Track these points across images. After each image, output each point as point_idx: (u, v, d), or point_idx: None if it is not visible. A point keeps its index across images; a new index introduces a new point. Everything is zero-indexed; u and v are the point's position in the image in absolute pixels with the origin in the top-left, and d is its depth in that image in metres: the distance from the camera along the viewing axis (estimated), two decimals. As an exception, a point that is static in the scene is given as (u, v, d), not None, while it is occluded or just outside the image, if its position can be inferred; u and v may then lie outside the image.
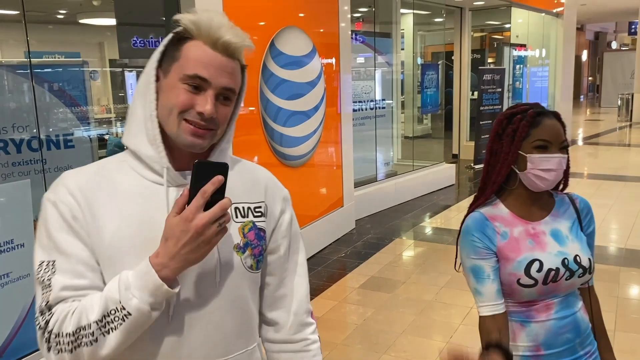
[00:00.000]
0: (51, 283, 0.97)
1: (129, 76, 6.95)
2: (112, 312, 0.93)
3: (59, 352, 0.94)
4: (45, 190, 1.05)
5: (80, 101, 3.32)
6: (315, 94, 5.07)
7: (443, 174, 8.10)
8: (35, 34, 3.71)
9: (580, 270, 1.47)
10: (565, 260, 1.46)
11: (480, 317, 1.47)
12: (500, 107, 9.14)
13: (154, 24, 3.93)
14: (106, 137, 6.11)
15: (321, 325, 3.77)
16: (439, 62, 9.93)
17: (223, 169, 0.96)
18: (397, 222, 6.34)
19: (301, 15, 4.95)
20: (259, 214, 1.12)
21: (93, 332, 0.93)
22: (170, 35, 1.05)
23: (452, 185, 8.31)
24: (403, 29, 9.01)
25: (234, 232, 1.08)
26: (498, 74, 9.27)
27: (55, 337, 0.95)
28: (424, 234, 5.99)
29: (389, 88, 7.75)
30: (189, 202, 0.94)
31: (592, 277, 1.59)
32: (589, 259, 1.49)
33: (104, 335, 0.94)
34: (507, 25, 11.18)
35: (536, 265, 1.44)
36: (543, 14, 11.88)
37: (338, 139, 5.62)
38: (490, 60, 11.90)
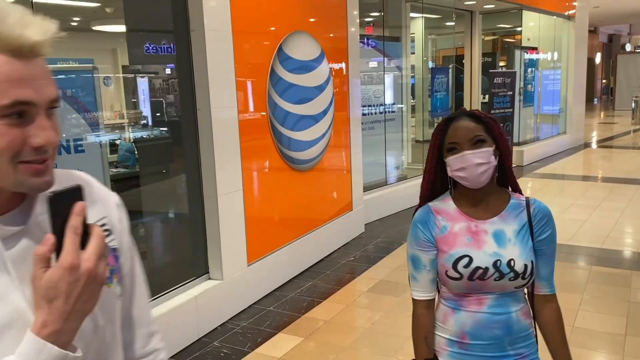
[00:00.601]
0: None
1: (141, 82, 7.05)
2: None
3: None
4: None
5: (90, 107, 3.35)
6: (323, 98, 5.09)
7: (453, 177, 8.06)
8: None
9: (512, 274, 1.48)
10: (498, 262, 1.49)
11: (413, 299, 1.62)
12: (511, 110, 9.08)
13: (162, 30, 3.98)
14: (117, 142, 6.19)
15: (329, 328, 3.77)
16: (450, 66, 9.90)
17: (77, 192, 0.77)
18: (407, 226, 6.28)
19: (310, 20, 4.98)
20: (107, 232, 0.91)
21: None
22: None
23: (463, 188, 8.26)
24: (413, 33, 9.02)
25: None
26: (509, 77, 9.21)
27: None
28: (433, 238, 5.97)
29: (399, 92, 7.75)
30: (57, 246, 0.74)
31: (551, 284, 1.58)
32: (525, 265, 1.49)
33: None
34: (518, 28, 11.12)
35: (465, 260, 1.50)
36: (554, 17, 11.81)
37: (347, 142, 5.63)
38: (501, 63, 11.83)
